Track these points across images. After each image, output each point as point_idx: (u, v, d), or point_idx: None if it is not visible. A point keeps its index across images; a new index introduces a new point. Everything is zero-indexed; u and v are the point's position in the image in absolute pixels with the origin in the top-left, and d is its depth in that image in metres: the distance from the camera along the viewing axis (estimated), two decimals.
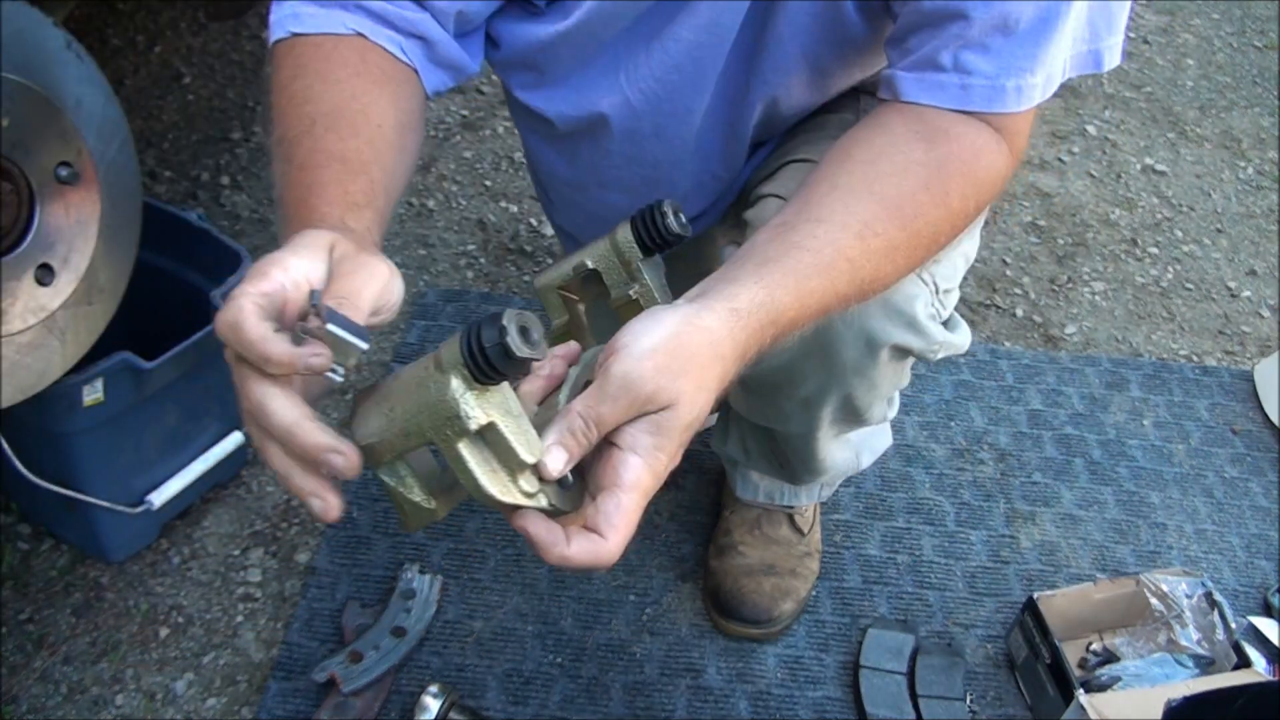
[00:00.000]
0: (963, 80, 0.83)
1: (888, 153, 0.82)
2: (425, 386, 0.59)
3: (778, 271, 0.73)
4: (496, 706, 1.27)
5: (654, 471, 0.66)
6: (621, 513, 0.64)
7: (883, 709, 1.30)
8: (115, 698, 1.25)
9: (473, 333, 0.57)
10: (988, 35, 0.81)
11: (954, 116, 0.84)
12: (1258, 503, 1.68)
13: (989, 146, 0.84)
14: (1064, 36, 0.84)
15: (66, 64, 1.07)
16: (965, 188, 0.83)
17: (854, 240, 0.77)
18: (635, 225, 0.78)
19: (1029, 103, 0.84)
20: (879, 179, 0.80)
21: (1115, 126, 2.62)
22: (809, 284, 0.74)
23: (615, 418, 0.65)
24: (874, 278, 0.78)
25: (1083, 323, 2.02)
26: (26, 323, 1.06)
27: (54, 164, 1.07)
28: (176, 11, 2.42)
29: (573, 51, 1.01)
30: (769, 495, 1.39)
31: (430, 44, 0.91)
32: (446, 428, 0.59)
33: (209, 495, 1.47)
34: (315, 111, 0.80)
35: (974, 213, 0.85)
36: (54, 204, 1.08)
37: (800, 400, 1.12)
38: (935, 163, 0.82)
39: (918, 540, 1.54)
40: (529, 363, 0.57)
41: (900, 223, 0.79)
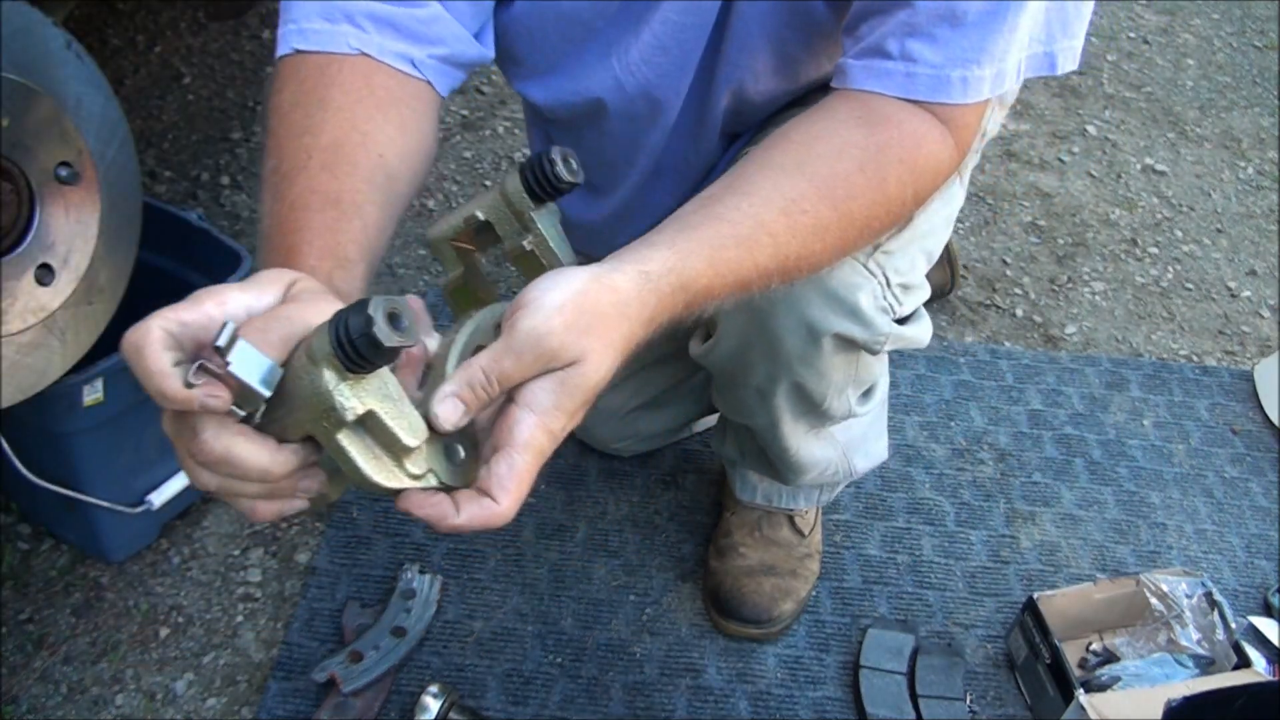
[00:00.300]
0: (908, 69, 0.82)
1: (825, 135, 0.82)
2: (300, 379, 0.57)
3: (693, 239, 0.73)
4: (496, 706, 1.27)
5: (550, 431, 0.64)
6: (514, 474, 0.63)
7: (883, 709, 1.30)
8: (115, 698, 1.25)
9: (340, 323, 0.54)
10: (935, 25, 0.81)
11: (899, 105, 0.83)
12: (1258, 503, 1.68)
13: (931, 136, 0.84)
14: (1015, 32, 0.83)
15: (66, 64, 1.07)
16: (903, 174, 0.82)
17: (778, 215, 0.76)
18: (524, 173, 0.74)
19: (976, 95, 0.84)
20: (813, 159, 0.80)
21: (1115, 126, 2.62)
22: (725, 253, 0.73)
23: (519, 373, 0.63)
24: (801, 255, 0.77)
25: (1083, 323, 2.02)
26: (26, 323, 1.06)
27: (54, 164, 1.07)
28: (176, 11, 2.42)
29: (563, 38, 1.00)
30: (767, 497, 1.39)
31: (443, 47, 0.88)
32: (324, 420, 0.57)
33: (209, 495, 1.47)
34: (313, 144, 0.78)
35: (912, 201, 0.84)
36: (54, 204, 1.08)
37: (754, 391, 1.12)
38: (874, 147, 0.81)
39: (918, 540, 1.54)
40: (400, 350, 0.55)
41: (831, 203, 0.78)
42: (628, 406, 1.47)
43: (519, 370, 0.63)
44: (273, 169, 0.78)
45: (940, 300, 1.98)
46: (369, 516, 1.46)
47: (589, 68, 1.01)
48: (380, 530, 1.45)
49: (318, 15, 0.83)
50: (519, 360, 0.63)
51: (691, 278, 0.71)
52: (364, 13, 0.83)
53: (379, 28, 0.84)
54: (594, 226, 1.20)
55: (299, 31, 0.83)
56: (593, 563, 1.45)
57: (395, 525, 1.45)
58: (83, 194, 1.11)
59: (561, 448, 0.69)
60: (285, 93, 0.82)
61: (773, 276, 0.77)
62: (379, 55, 0.84)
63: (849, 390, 1.15)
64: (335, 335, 0.54)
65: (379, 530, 1.45)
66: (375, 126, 0.81)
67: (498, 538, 1.45)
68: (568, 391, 0.64)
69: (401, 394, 0.59)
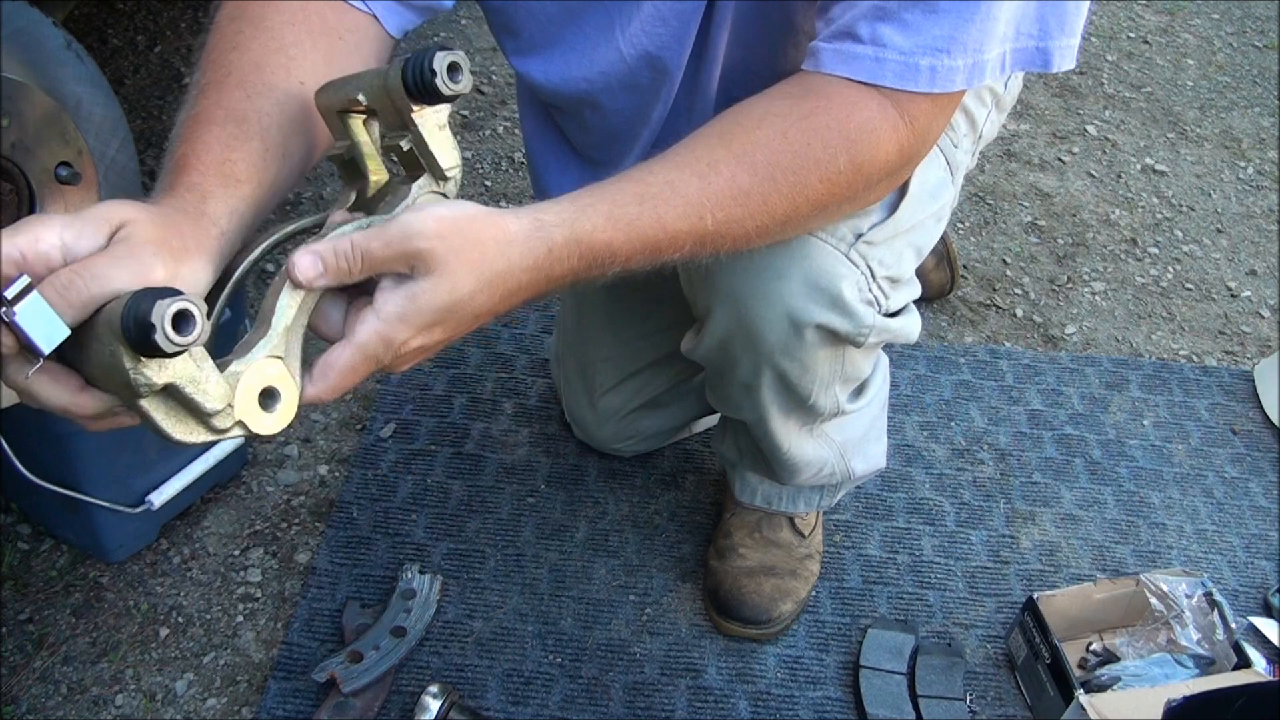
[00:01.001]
0: (877, 53, 0.81)
1: (750, 107, 0.82)
2: (100, 347, 0.57)
3: (595, 196, 0.73)
4: (496, 706, 1.27)
5: (386, 339, 0.65)
6: (334, 366, 0.65)
7: (883, 709, 1.30)
8: (115, 698, 1.25)
9: (128, 313, 0.54)
10: (907, 10, 0.80)
11: (843, 83, 0.82)
12: (1258, 503, 1.68)
13: (866, 106, 0.81)
14: (994, 23, 0.81)
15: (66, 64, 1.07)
16: (831, 139, 0.80)
17: (690, 177, 0.76)
18: (405, 70, 0.68)
19: (946, 85, 0.82)
20: (732, 130, 0.80)
21: (1115, 126, 2.62)
22: (626, 210, 0.73)
23: (381, 258, 0.64)
24: (722, 220, 0.77)
25: (1083, 323, 2.02)
26: None
27: (54, 164, 1.07)
28: (176, 11, 2.42)
29: (563, 10, 0.99)
30: (767, 499, 1.39)
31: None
32: (123, 390, 0.58)
33: (209, 495, 1.47)
34: (236, 61, 0.78)
35: (848, 167, 0.82)
36: (54, 204, 1.08)
37: (740, 385, 1.12)
38: (798, 115, 0.81)
39: (918, 540, 1.54)
40: (184, 349, 0.55)
41: (749, 167, 0.78)
42: (628, 407, 1.47)
43: (381, 255, 0.64)
44: (194, 81, 0.79)
45: (940, 300, 1.98)
46: (369, 516, 1.46)
47: (590, 40, 1.00)
48: (380, 530, 1.45)
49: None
50: (385, 246, 0.64)
51: (587, 231, 0.71)
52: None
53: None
54: None
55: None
56: (593, 563, 1.45)
57: (395, 525, 1.45)
58: (83, 194, 1.11)
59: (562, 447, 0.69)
60: (225, 9, 0.83)
61: (685, 239, 0.77)
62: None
63: (836, 386, 1.15)
64: (124, 324, 0.55)
65: (379, 530, 1.45)
66: (301, 53, 0.81)
67: (498, 538, 1.45)
68: (417, 307, 0.65)
69: (205, 360, 0.60)
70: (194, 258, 0.65)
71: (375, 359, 0.66)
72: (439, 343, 0.69)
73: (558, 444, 1.60)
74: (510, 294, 0.70)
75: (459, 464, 1.56)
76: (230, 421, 0.63)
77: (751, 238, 0.81)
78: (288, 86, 0.79)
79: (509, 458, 1.57)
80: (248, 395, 0.64)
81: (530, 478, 1.54)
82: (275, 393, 0.65)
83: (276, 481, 1.51)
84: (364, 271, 0.65)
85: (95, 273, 0.59)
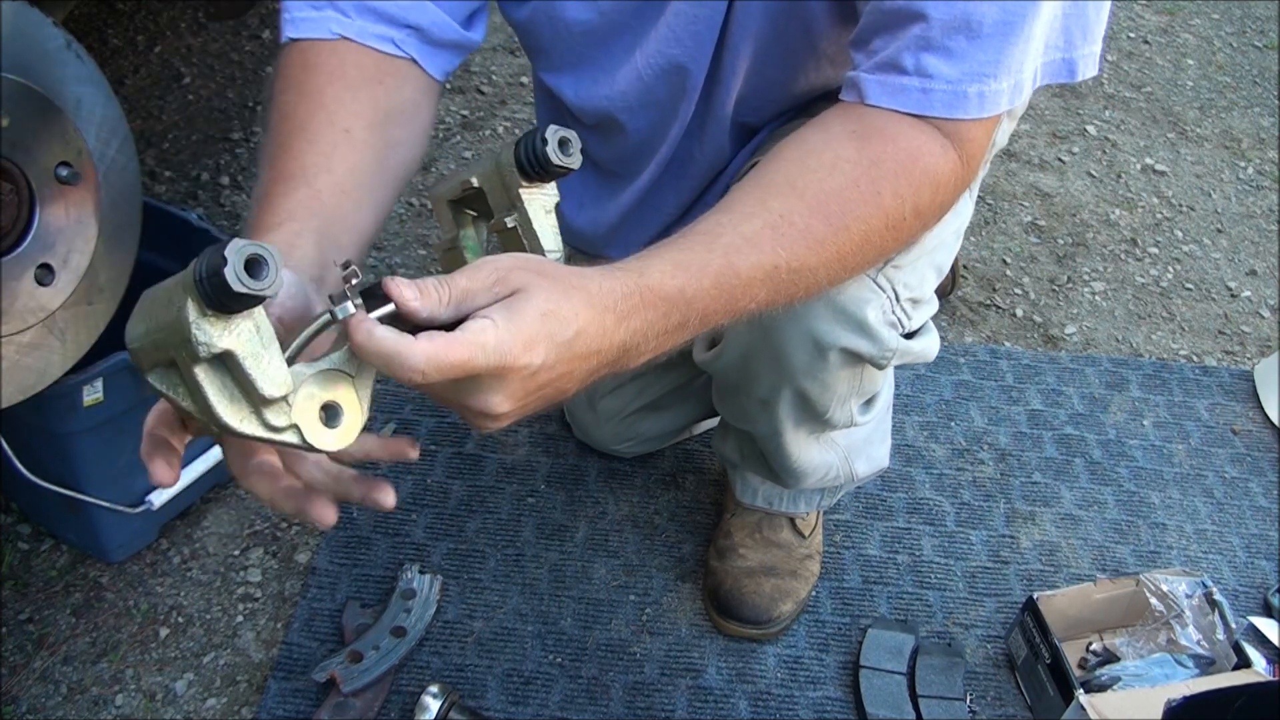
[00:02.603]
0: (924, 84, 0.81)
1: (817, 150, 0.81)
2: (170, 303, 0.56)
3: (661, 245, 0.73)
4: (496, 706, 1.27)
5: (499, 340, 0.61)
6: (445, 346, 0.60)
7: (883, 709, 1.30)
8: (115, 698, 1.25)
9: (201, 260, 0.53)
10: (950, 38, 0.79)
11: (898, 118, 0.82)
12: (1258, 503, 1.68)
13: (929, 149, 0.82)
14: (1031, 41, 0.81)
15: (66, 64, 1.07)
16: (900, 187, 0.80)
17: (763, 228, 0.75)
18: (517, 147, 0.71)
19: (993, 109, 0.82)
20: (803, 175, 0.79)
21: (1115, 126, 2.62)
22: (694, 256, 0.72)
23: (466, 288, 0.63)
24: (796, 269, 0.76)
25: (1083, 323, 2.02)
26: (26, 323, 1.06)
27: (54, 164, 1.07)
28: (176, 11, 2.42)
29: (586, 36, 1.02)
30: (768, 500, 1.39)
31: (422, 30, 0.93)
32: (183, 349, 0.56)
33: (209, 495, 1.47)
34: (286, 129, 0.83)
35: (913, 216, 0.82)
36: (54, 204, 1.08)
37: (758, 401, 1.12)
38: (867, 161, 0.80)
39: (918, 540, 1.54)
40: (256, 298, 0.54)
41: (824, 217, 0.77)
42: (629, 409, 1.47)
43: (468, 286, 0.63)
44: (261, 156, 0.85)
45: (940, 301, 1.98)
46: (369, 517, 1.46)
47: (615, 59, 1.03)
48: (380, 530, 1.45)
49: (305, 3, 0.89)
50: (471, 279, 0.64)
51: (656, 278, 0.70)
52: (348, 1, 0.89)
53: (360, 12, 0.89)
54: (604, 223, 1.21)
55: (290, 21, 0.89)
56: (593, 563, 1.45)
57: (395, 525, 1.45)
58: (83, 194, 1.11)
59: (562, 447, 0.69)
60: (278, 81, 0.89)
61: (759, 287, 0.75)
62: (359, 38, 0.89)
63: (852, 400, 1.15)
64: (196, 268, 0.54)
65: (379, 530, 1.45)
66: (342, 105, 0.85)
67: (498, 538, 1.45)
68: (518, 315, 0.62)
69: (273, 342, 0.58)
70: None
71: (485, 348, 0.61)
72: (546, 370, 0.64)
73: (558, 444, 1.60)
74: (600, 335, 0.67)
75: (459, 464, 1.56)
76: (286, 421, 0.60)
77: (822, 285, 0.80)
78: (331, 136, 0.83)
79: (509, 458, 1.57)
80: (309, 402, 0.61)
81: (530, 478, 1.54)
82: (338, 409, 0.62)
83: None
84: (453, 303, 0.63)
85: None
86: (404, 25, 0.92)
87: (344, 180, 0.81)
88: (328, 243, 0.77)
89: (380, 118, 0.87)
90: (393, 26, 0.91)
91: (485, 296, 0.64)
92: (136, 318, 0.60)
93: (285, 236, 0.75)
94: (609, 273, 0.69)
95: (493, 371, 0.62)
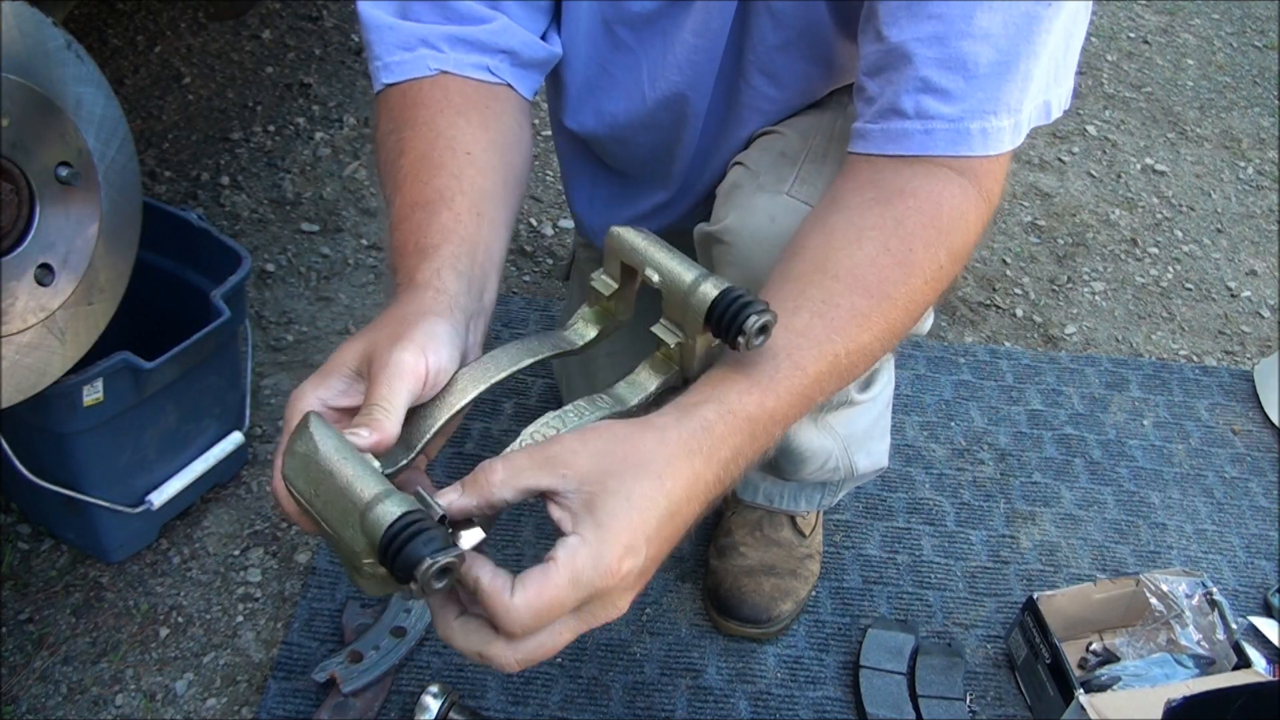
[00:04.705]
0: (925, 125, 0.82)
1: (840, 227, 0.81)
2: (345, 521, 0.59)
3: (725, 367, 0.72)
4: (496, 706, 1.27)
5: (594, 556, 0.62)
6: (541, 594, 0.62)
7: (883, 709, 1.30)
8: (115, 698, 1.25)
9: (399, 538, 0.57)
10: (946, 78, 0.81)
11: (913, 170, 0.82)
12: (1258, 503, 1.68)
13: (950, 192, 0.82)
14: (1030, 81, 0.82)
15: (66, 64, 1.07)
16: (929, 238, 0.80)
17: (811, 319, 0.74)
18: (715, 304, 0.69)
19: (997, 146, 0.83)
20: (832, 255, 0.79)
21: (1115, 126, 2.62)
22: (761, 369, 0.72)
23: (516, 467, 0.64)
24: (853, 350, 0.76)
25: (1083, 323, 2.02)
26: (26, 323, 1.06)
27: (54, 164, 1.07)
28: (176, 11, 2.42)
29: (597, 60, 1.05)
30: (769, 497, 1.39)
31: (514, 53, 0.95)
32: (347, 559, 0.61)
33: (209, 495, 1.47)
34: (405, 163, 0.84)
35: (949, 261, 0.82)
36: (54, 204, 1.08)
37: None
38: (892, 223, 0.80)
39: (918, 540, 1.54)
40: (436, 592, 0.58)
41: (864, 291, 0.77)
42: None
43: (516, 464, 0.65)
44: (383, 199, 0.87)
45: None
46: None
47: (619, 83, 1.07)
48: None
49: (397, 47, 0.91)
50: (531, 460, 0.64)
51: (736, 400, 0.69)
52: (439, 36, 0.91)
53: (453, 46, 0.91)
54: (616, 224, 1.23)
55: (384, 67, 0.91)
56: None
57: None
58: (83, 194, 1.11)
59: None
60: (381, 125, 0.91)
61: (827, 379, 0.75)
62: (457, 70, 0.91)
63: None
64: (388, 553, 0.57)
65: None
66: (458, 130, 0.87)
67: (497, 538, 1.45)
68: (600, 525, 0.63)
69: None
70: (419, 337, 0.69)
71: (582, 583, 0.62)
72: (651, 557, 0.65)
73: None
74: (691, 483, 0.66)
75: (459, 464, 1.56)
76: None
77: (878, 355, 0.80)
78: (455, 160, 0.85)
79: None
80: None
81: None
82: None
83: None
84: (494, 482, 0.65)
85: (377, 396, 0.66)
86: (497, 51, 0.94)
87: (477, 202, 0.82)
88: (474, 266, 0.78)
89: (494, 141, 0.89)
90: (486, 54, 0.93)
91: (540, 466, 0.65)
92: (299, 471, 0.63)
93: (446, 259, 0.76)
94: (687, 412, 0.68)
95: (599, 592, 0.63)
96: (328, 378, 0.69)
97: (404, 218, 0.80)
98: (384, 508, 0.58)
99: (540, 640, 0.63)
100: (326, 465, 0.61)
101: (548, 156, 2.16)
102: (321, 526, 0.62)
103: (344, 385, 0.69)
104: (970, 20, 0.79)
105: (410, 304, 0.72)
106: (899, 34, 0.82)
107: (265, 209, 1.97)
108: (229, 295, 1.30)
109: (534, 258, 1.97)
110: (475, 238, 0.80)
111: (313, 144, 2.14)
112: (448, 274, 0.75)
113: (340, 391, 0.69)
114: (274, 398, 1.61)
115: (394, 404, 0.66)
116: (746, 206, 1.00)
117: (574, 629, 0.64)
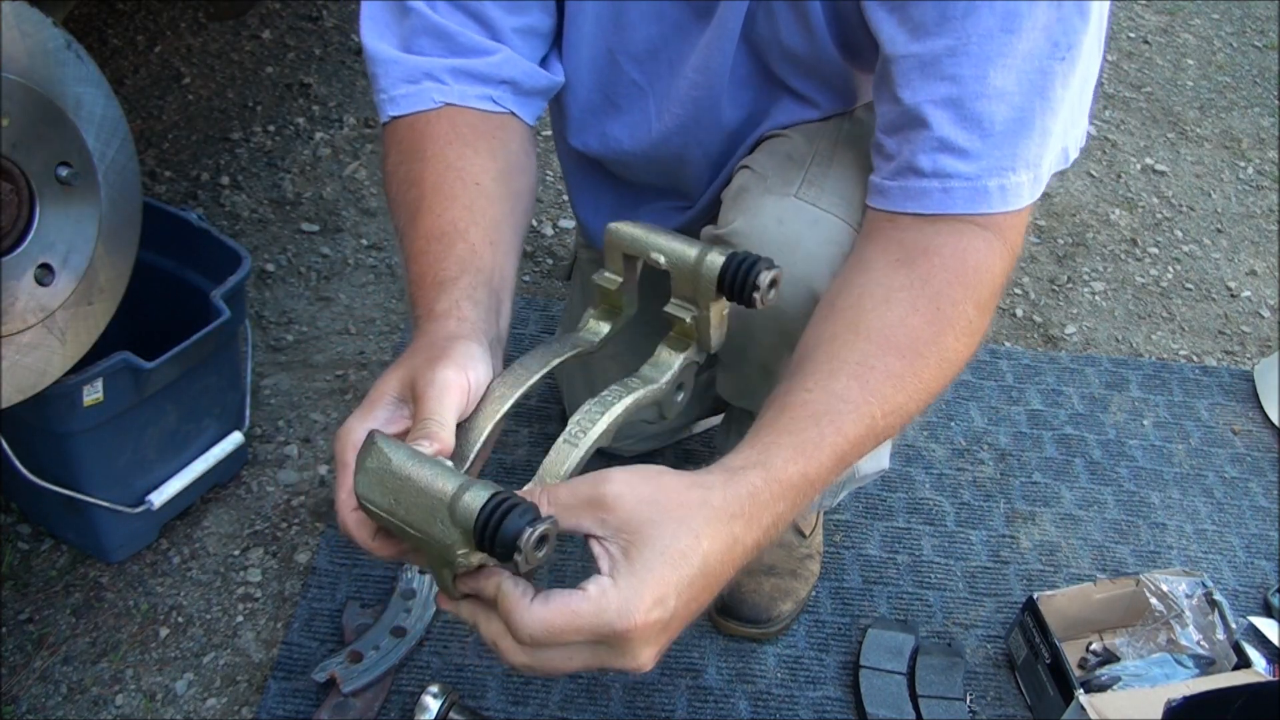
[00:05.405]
0: (944, 184, 0.82)
1: (869, 290, 0.82)
2: (433, 519, 0.61)
3: (770, 431, 0.73)
4: (496, 706, 1.27)
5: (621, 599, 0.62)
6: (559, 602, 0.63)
7: (883, 709, 1.30)
8: (115, 698, 1.25)
9: (493, 518, 0.58)
10: (963, 137, 0.81)
11: (936, 228, 0.83)
12: (1258, 503, 1.68)
13: (975, 247, 0.83)
14: (1049, 136, 0.83)
15: (66, 64, 1.07)
16: (956, 294, 0.81)
17: (848, 382, 0.76)
18: (727, 267, 0.72)
19: (1017, 202, 0.83)
20: (862, 318, 0.80)
21: (1115, 126, 2.62)
22: (807, 436, 0.72)
23: (561, 505, 0.65)
24: (889, 411, 0.77)
25: (1083, 323, 2.02)
26: (26, 323, 1.06)
27: (54, 164, 1.07)
28: (176, 11, 2.42)
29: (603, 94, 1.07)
30: None
31: (516, 83, 0.96)
32: (438, 561, 0.63)
33: (209, 495, 1.47)
34: (418, 195, 0.86)
35: (977, 314, 0.83)
36: (54, 204, 1.08)
37: (759, 367, 1.13)
38: (918, 283, 0.81)
39: (918, 540, 1.54)
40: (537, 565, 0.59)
41: (896, 352, 0.78)
42: None
43: (561, 492, 0.66)
44: (396, 230, 0.89)
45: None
46: None
47: (624, 114, 1.08)
48: None
49: (402, 81, 0.92)
50: (575, 498, 0.65)
51: (780, 467, 0.70)
52: (443, 69, 0.92)
53: (457, 78, 0.93)
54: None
55: (390, 100, 0.93)
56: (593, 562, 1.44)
57: None
58: (83, 194, 1.11)
59: None
60: (390, 157, 0.93)
61: (865, 441, 0.76)
62: (461, 101, 0.93)
63: None
64: (483, 532, 0.59)
65: None
66: (467, 161, 0.89)
67: None
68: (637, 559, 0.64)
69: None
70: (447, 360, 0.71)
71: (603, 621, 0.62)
72: (679, 614, 0.65)
73: None
74: (729, 547, 0.67)
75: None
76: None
77: (913, 414, 0.80)
78: (467, 191, 0.87)
79: (509, 458, 1.57)
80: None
81: (530, 477, 1.54)
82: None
83: (276, 481, 1.51)
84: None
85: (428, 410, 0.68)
86: (499, 82, 0.95)
87: (490, 232, 0.84)
88: (490, 295, 0.80)
89: (502, 170, 0.90)
90: (489, 85, 0.94)
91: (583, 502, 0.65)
92: (374, 485, 0.64)
93: (464, 290, 0.78)
94: (734, 476, 0.69)
95: (619, 635, 0.63)
96: (372, 409, 0.71)
97: (421, 251, 0.82)
98: (471, 494, 0.60)
99: (551, 655, 0.65)
100: (403, 472, 0.63)
101: (547, 157, 2.16)
102: (407, 533, 0.63)
103: (388, 414, 0.71)
104: (984, 80, 0.80)
105: (437, 332, 0.74)
106: (913, 96, 0.82)
107: (265, 209, 1.97)
108: (229, 295, 1.30)
109: (534, 258, 1.97)
110: (490, 267, 0.82)
111: (313, 144, 2.14)
112: (466, 305, 0.77)
113: (386, 420, 0.71)
114: (274, 398, 1.62)
115: (445, 418, 0.68)
116: (754, 209, 1.00)
117: (585, 661, 0.65)
